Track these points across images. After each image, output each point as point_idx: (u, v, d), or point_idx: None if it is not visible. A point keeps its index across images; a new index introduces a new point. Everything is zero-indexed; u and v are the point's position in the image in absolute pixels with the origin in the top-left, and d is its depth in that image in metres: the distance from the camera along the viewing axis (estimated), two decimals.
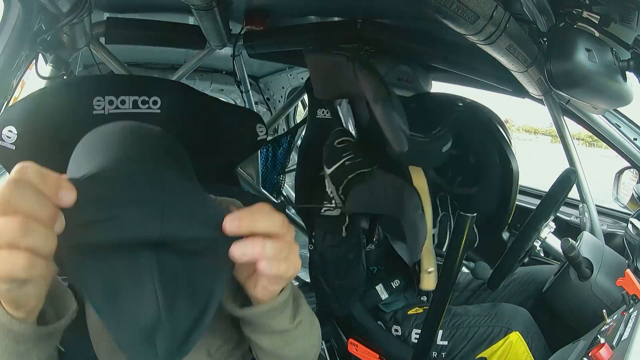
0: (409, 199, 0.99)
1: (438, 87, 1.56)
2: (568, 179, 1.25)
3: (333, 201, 1.14)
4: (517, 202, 1.54)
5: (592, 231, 1.47)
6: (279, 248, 0.50)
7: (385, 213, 1.13)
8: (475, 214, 0.95)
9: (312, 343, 0.78)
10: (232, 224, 0.47)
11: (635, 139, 1.48)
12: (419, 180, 1.18)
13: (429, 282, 1.16)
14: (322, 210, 1.16)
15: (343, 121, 1.34)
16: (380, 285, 1.35)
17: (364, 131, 1.29)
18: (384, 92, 0.96)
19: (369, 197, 1.07)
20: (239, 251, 0.48)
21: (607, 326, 0.81)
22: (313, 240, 1.20)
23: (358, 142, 1.16)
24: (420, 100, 1.38)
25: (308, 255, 2.86)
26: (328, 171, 1.12)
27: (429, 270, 1.16)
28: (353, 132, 1.32)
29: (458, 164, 1.32)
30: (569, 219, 1.66)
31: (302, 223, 2.12)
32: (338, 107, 1.35)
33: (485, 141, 1.32)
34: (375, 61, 1.46)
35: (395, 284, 1.35)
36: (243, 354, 0.93)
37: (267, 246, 0.49)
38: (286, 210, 2.32)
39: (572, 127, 1.52)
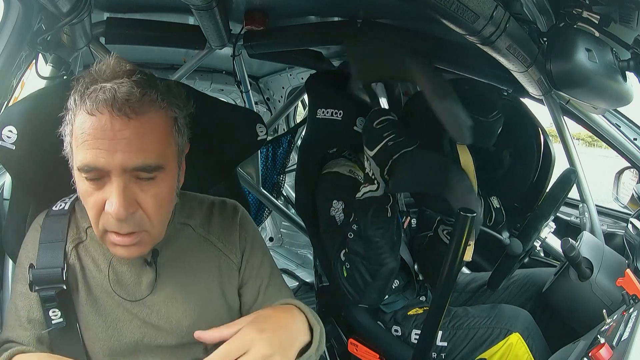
0: (460, 183, 0.98)
1: None
2: (568, 179, 1.25)
3: (375, 182, 1.11)
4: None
5: (592, 231, 1.47)
6: None
7: (431, 192, 1.11)
8: (476, 214, 0.95)
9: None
10: None
11: (635, 139, 1.48)
12: (465, 155, 1.16)
13: (467, 254, 1.15)
14: (361, 195, 1.14)
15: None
16: None
17: (399, 109, 1.28)
18: (448, 90, 0.93)
19: (415, 176, 1.05)
20: None
21: (607, 326, 0.81)
22: (354, 227, 1.15)
23: (398, 120, 1.13)
24: (471, 84, 1.36)
25: (309, 255, 2.86)
26: (371, 153, 1.10)
27: (469, 242, 1.16)
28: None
29: (477, 149, 1.30)
30: (569, 219, 1.66)
31: (302, 223, 2.12)
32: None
33: (527, 129, 1.33)
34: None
35: (395, 284, 1.35)
36: None
37: None
38: (287, 211, 2.32)
39: (572, 127, 1.52)
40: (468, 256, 1.09)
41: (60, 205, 0.89)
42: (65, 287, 0.79)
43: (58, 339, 0.80)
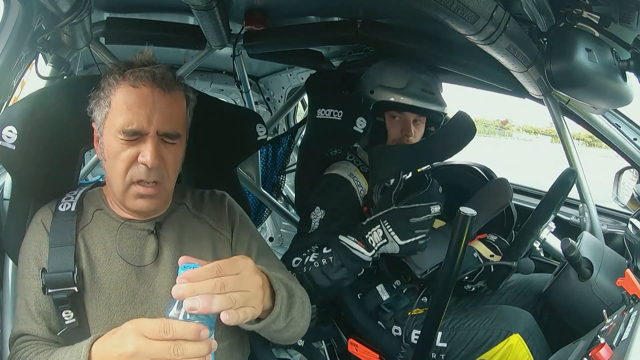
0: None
1: None
2: (566, 181, 1.25)
3: (372, 251, 1.18)
4: (517, 202, 1.53)
5: (592, 231, 1.46)
6: (225, 301, 0.64)
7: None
8: (476, 213, 0.95)
9: (303, 327, 0.91)
10: (176, 293, 0.61)
11: (635, 139, 1.48)
12: (438, 223, 1.32)
13: (495, 258, 1.24)
14: (346, 244, 1.20)
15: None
16: (381, 285, 1.35)
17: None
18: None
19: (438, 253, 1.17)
20: (189, 305, 0.61)
21: (607, 326, 0.81)
22: (324, 262, 1.21)
23: None
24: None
25: None
26: (400, 242, 1.16)
27: (491, 255, 1.25)
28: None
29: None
30: (569, 219, 1.66)
31: None
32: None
33: (471, 177, 1.42)
34: (394, 70, 1.45)
35: (397, 284, 1.35)
36: (241, 342, 0.99)
37: (214, 304, 0.62)
38: (287, 211, 2.32)
39: (572, 127, 1.52)
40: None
41: (67, 205, 0.92)
42: (77, 290, 0.84)
43: (70, 337, 0.84)
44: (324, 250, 1.23)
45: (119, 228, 0.91)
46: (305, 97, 2.27)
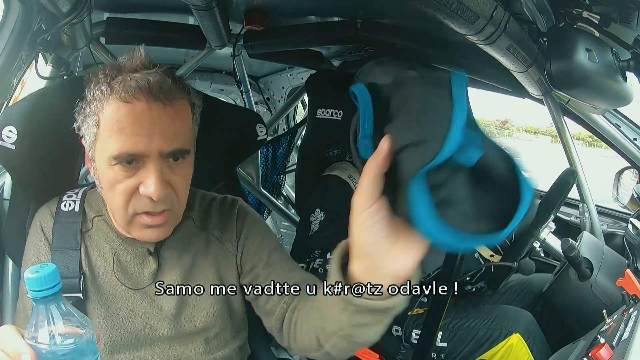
0: None
1: None
2: (566, 181, 1.25)
3: None
4: None
5: (592, 231, 1.46)
6: None
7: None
8: None
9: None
10: None
11: (635, 139, 1.48)
12: None
13: (496, 258, 1.22)
14: None
15: None
16: None
17: None
18: None
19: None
20: None
21: (607, 326, 0.81)
22: (329, 267, 1.21)
23: None
24: None
25: None
26: None
27: (491, 255, 1.23)
28: None
29: None
30: (569, 219, 1.66)
31: None
32: None
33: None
34: (381, 70, 1.44)
35: None
36: (240, 346, 0.94)
37: None
38: (287, 211, 2.32)
39: (572, 127, 1.52)
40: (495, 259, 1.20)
41: (70, 204, 0.88)
42: (82, 297, 0.80)
43: None
44: (328, 256, 1.23)
45: (119, 243, 0.85)
46: (305, 97, 2.27)
